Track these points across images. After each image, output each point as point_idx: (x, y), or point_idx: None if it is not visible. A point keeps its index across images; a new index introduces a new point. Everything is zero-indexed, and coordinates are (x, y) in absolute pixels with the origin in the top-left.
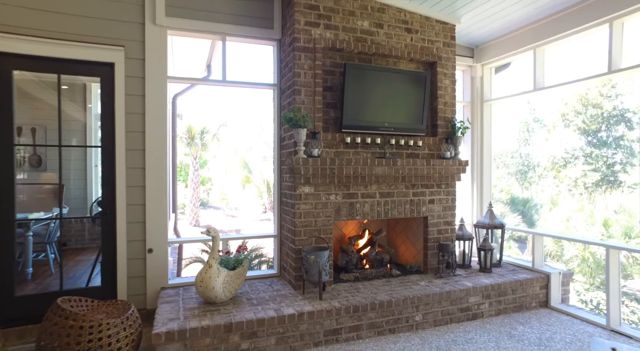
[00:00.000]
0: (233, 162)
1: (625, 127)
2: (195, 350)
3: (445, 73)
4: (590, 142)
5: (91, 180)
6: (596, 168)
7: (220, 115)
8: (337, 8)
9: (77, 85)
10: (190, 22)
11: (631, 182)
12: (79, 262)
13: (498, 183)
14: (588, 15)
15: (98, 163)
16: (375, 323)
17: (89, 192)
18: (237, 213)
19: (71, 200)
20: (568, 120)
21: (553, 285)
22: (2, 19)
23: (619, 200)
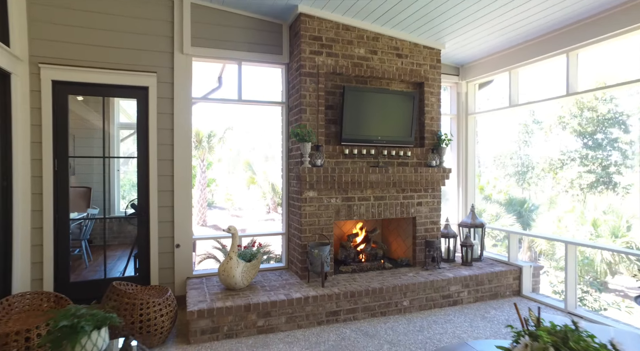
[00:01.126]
0: (237, 164)
1: (620, 129)
2: (221, 325)
3: (431, 92)
4: (586, 144)
5: (113, 184)
6: (591, 170)
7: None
8: (337, 38)
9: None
10: (212, 50)
11: (625, 183)
12: (108, 257)
13: (497, 184)
14: (550, 46)
15: (119, 168)
16: (369, 307)
17: (112, 194)
18: (241, 214)
19: (98, 202)
20: (564, 122)
21: (525, 276)
22: (60, 54)
23: (608, 202)
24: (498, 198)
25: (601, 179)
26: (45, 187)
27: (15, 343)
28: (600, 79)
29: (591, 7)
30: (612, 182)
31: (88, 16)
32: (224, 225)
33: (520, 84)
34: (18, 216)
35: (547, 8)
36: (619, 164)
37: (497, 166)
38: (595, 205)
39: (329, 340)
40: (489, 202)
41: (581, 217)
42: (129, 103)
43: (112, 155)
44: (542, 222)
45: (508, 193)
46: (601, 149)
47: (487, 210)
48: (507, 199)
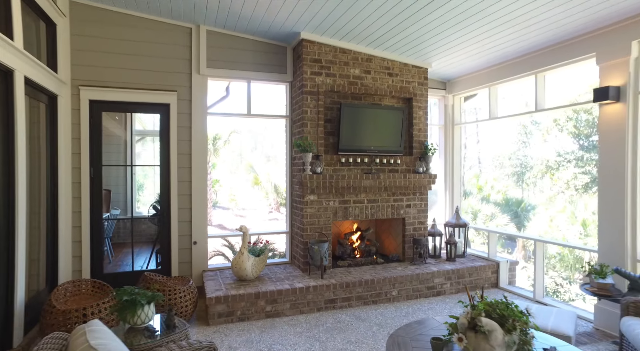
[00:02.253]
0: (240, 164)
1: None
2: (235, 309)
3: (419, 106)
4: (582, 146)
5: (130, 187)
6: (586, 171)
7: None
8: (335, 60)
9: None
10: (224, 71)
11: None
12: (126, 253)
13: (495, 185)
14: (521, 68)
15: (136, 172)
16: (362, 296)
17: (128, 196)
18: (244, 213)
19: (119, 203)
20: (560, 125)
21: (502, 270)
22: (95, 77)
23: (595, 201)
24: (496, 198)
25: (596, 180)
26: (83, 191)
27: (76, 319)
28: (576, 95)
29: (551, 39)
30: None
31: (119, 44)
32: (229, 224)
33: (499, 99)
34: (62, 217)
35: (516, 38)
36: None
37: (495, 167)
38: (586, 205)
39: (327, 323)
40: (484, 203)
41: (571, 217)
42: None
43: (130, 160)
44: (536, 222)
45: (506, 194)
46: (595, 151)
47: (483, 211)
48: (504, 199)
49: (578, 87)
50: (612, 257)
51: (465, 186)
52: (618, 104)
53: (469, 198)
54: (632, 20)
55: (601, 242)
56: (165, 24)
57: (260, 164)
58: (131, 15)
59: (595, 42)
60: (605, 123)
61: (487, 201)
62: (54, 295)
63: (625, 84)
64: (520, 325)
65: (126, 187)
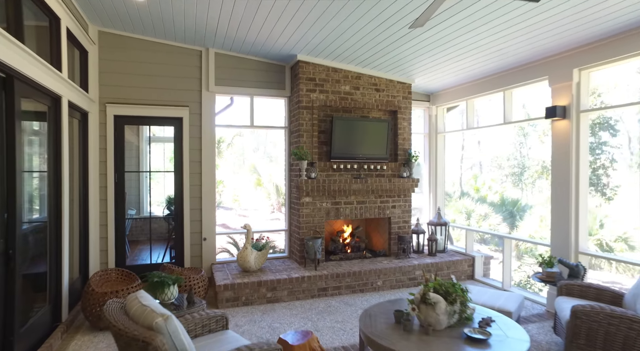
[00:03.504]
0: (243, 165)
1: (609, 133)
2: (240, 295)
3: (404, 117)
4: None
5: (142, 190)
6: None
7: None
8: (328, 78)
9: None
10: (230, 88)
11: (613, 185)
12: (140, 249)
13: (493, 185)
14: (492, 85)
15: (148, 176)
16: (350, 285)
17: (141, 198)
18: (247, 214)
19: (131, 204)
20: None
21: (477, 264)
22: (119, 95)
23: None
24: (494, 199)
25: (590, 180)
26: (109, 194)
27: (107, 300)
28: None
29: (513, 63)
30: (600, 183)
31: (139, 65)
32: (232, 224)
33: (475, 111)
34: (92, 216)
35: (483, 61)
36: (606, 167)
37: (494, 168)
38: None
39: (319, 307)
40: (479, 203)
41: None
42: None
43: (144, 166)
44: (528, 222)
45: (503, 194)
46: (590, 152)
47: (477, 211)
48: (501, 200)
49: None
50: (561, 250)
51: (464, 187)
52: (564, 121)
53: (464, 198)
54: (573, 51)
55: (553, 237)
56: (179, 48)
57: (262, 165)
58: (150, 41)
59: (547, 68)
60: (555, 137)
61: (484, 201)
62: (91, 281)
63: (569, 104)
64: (460, 299)
65: (139, 189)
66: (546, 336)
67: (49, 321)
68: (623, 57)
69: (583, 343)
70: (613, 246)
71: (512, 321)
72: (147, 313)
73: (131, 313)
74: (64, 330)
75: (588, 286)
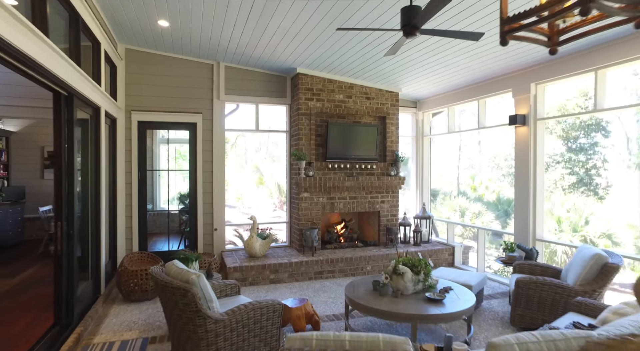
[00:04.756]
0: (246, 165)
1: (601, 134)
2: (247, 276)
3: (391, 123)
4: (570, 148)
5: (156, 186)
6: (573, 171)
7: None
8: (324, 88)
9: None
10: (238, 96)
11: (605, 184)
12: (155, 240)
13: (490, 185)
14: (468, 94)
15: (159, 174)
16: (343, 270)
17: (155, 193)
18: (250, 212)
19: (148, 199)
20: (549, 128)
21: (457, 253)
22: (142, 103)
23: (572, 201)
24: (490, 198)
25: (582, 180)
26: (133, 190)
27: (140, 275)
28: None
29: (483, 77)
30: (592, 183)
31: (159, 77)
32: (235, 221)
33: (456, 117)
34: (119, 209)
35: (458, 75)
36: (598, 167)
37: (491, 168)
38: (562, 203)
39: (315, 287)
40: (473, 202)
41: (548, 214)
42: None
43: (161, 165)
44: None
45: (499, 194)
46: (583, 152)
47: (470, 209)
48: (497, 199)
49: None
50: (522, 237)
51: (461, 186)
52: (524, 127)
53: (459, 197)
54: (530, 68)
55: (516, 226)
56: (193, 62)
57: (264, 165)
58: (168, 56)
59: (511, 82)
60: (517, 141)
61: (480, 200)
62: (124, 261)
63: (528, 113)
64: (424, 270)
65: (152, 186)
66: (503, 307)
67: (91, 293)
68: (569, 74)
69: (523, 306)
70: (597, 242)
71: (467, 290)
72: (184, 273)
73: (171, 274)
74: (103, 300)
75: (536, 265)
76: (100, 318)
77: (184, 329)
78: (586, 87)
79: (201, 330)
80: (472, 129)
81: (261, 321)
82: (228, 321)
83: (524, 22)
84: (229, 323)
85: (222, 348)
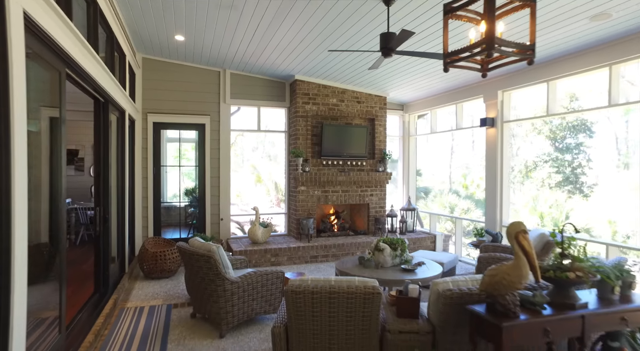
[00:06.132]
0: (244, 164)
1: (586, 135)
2: (251, 259)
3: (380, 124)
4: (557, 148)
5: (163, 181)
6: (559, 170)
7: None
8: (319, 93)
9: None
10: (242, 100)
11: (590, 183)
12: (165, 231)
13: (481, 184)
14: (447, 99)
15: (168, 170)
16: (335, 254)
17: (162, 188)
18: (248, 208)
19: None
20: (537, 129)
21: (438, 240)
22: (157, 107)
23: (554, 197)
24: (481, 196)
25: (568, 179)
26: (149, 183)
27: (160, 255)
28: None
29: (458, 84)
30: (578, 181)
31: (172, 83)
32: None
33: (438, 118)
34: (137, 200)
35: (437, 81)
36: (583, 166)
37: (483, 167)
38: (545, 200)
39: (310, 268)
40: (462, 199)
41: (531, 210)
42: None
43: (164, 162)
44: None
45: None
46: (569, 152)
47: (460, 206)
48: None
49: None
50: (491, 224)
51: (453, 185)
52: (493, 129)
53: (450, 195)
54: (497, 78)
55: (487, 215)
56: (203, 69)
57: (262, 164)
58: (180, 64)
59: (482, 89)
60: (487, 140)
61: (470, 198)
62: (145, 244)
63: (496, 116)
64: (401, 247)
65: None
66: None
67: (118, 271)
68: (528, 84)
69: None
70: (575, 235)
71: (437, 265)
72: (205, 245)
73: (195, 246)
74: (128, 277)
75: (499, 245)
76: (128, 290)
77: (206, 289)
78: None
79: (220, 289)
80: (449, 130)
81: (267, 285)
82: (241, 283)
83: (461, 56)
84: (242, 284)
85: (236, 304)
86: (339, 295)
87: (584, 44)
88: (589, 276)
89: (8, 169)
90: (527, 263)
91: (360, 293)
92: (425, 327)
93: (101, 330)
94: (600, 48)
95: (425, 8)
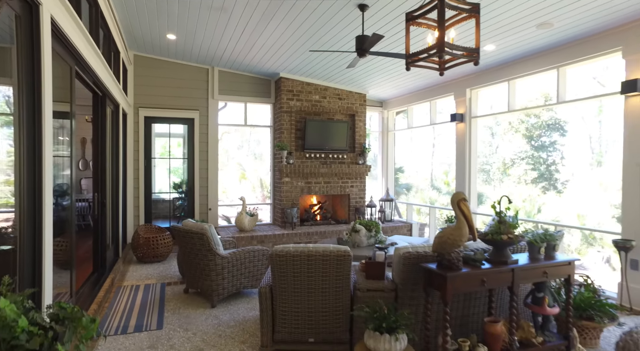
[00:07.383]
0: (228, 162)
1: (559, 134)
2: (238, 245)
3: (360, 119)
4: (533, 146)
5: (153, 174)
6: (535, 167)
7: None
8: (303, 90)
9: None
10: (229, 96)
11: (564, 179)
12: (155, 221)
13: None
14: (422, 96)
15: (157, 164)
16: (318, 240)
17: (152, 180)
18: (233, 204)
19: None
20: (514, 127)
21: (414, 229)
22: (148, 101)
23: (528, 192)
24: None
25: (543, 175)
26: (140, 174)
27: (152, 241)
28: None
29: (429, 83)
30: (552, 178)
31: (163, 79)
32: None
33: (415, 115)
34: (129, 191)
35: (412, 80)
36: (557, 163)
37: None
38: (520, 194)
39: None
40: (443, 195)
41: (506, 203)
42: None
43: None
44: (482, 209)
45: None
46: (543, 150)
47: (439, 201)
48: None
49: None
50: None
51: (435, 182)
52: (462, 124)
53: (430, 190)
54: (466, 77)
55: None
56: (192, 66)
57: (248, 162)
58: (171, 62)
59: (453, 87)
60: (457, 135)
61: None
62: (138, 230)
63: (465, 112)
64: (375, 228)
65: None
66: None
67: (112, 256)
68: (492, 83)
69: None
70: (545, 226)
71: (408, 244)
72: (198, 224)
73: (188, 226)
74: (122, 261)
75: None
76: (123, 272)
77: (199, 264)
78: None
79: (212, 263)
80: (423, 126)
81: (254, 261)
82: (231, 258)
83: (420, 57)
84: (232, 260)
85: (226, 277)
86: (315, 258)
87: (535, 48)
88: (518, 238)
89: (40, 163)
90: (466, 225)
91: (334, 256)
92: (389, 286)
93: (102, 302)
94: (549, 52)
95: (394, 15)
